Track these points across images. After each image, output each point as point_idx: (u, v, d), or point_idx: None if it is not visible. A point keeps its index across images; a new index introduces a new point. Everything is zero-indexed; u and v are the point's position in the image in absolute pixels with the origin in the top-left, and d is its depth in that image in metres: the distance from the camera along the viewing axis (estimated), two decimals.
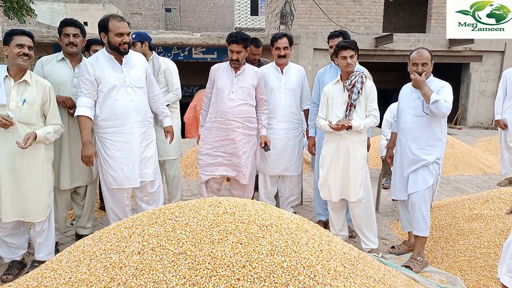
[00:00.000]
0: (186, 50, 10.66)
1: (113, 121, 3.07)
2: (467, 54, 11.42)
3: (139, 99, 3.16)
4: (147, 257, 1.74)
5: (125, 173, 3.11)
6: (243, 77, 3.64)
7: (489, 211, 3.51)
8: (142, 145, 3.19)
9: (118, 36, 2.98)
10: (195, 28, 28.06)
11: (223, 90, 3.63)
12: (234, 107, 3.60)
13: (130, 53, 3.18)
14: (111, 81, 3.03)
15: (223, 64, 3.74)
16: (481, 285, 2.82)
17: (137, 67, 3.19)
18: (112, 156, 3.09)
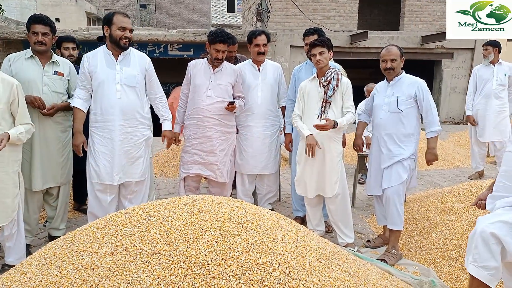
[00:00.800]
0: (161, 47, 10.52)
1: (100, 116, 3.12)
2: (439, 51, 11.71)
3: (128, 98, 3.13)
4: (120, 258, 1.71)
5: (106, 169, 3.12)
6: (221, 75, 3.63)
7: (460, 204, 3.63)
8: (127, 144, 3.16)
9: (121, 30, 3.04)
10: (171, 25, 27.71)
11: (200, 87, 3.60)
12: (211, 104, 3.58)
13: (131, 51, 3.21)
14: (101, 76, 3.08)
15: (200, 61, 3.72)
16: (453, 276, 2.90)
17: (133, 66, 3.18)
18: (97, 150, 3.13)
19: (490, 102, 5.41)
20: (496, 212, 2.07)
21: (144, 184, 3.37)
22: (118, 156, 3.13)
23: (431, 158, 3.22)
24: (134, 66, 3.19)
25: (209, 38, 3.54)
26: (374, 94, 3.47)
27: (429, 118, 3.18)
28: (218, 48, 3.50)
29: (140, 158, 3.25)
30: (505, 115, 5.46)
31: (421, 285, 2.63)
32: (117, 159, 3.13)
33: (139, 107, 3.21)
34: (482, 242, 1.96)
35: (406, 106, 3.18)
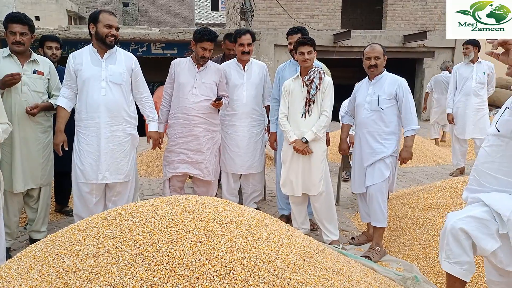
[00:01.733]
0: (144, 46, 10.40)
1: (85, 114, 3.09)
2: (421, 50, 11.89)
3: (113, 95, 3.10)
4: (103, 260, 1.68)
5: (92, 167, 3.09)
6: (206, 73, 3.61)
7: (442, 200, 3.69)
8: (113, 142, 3.12)
9: (107, 27, 3.04)
10: (154, 23, 27.45)
11: (185, 85, 3.58)
12: (197, 102, 3.57)
13: (118, 50, 3.20)
14: (86, 74, 3.07)
15: (184, 59, 3.69)
16: (435, 271, 2.95)
17: (119, 63, 3.17)
18: (82, 149, 3.10)
19: (470, 100, 5.52)
20: (465, 208, 2.12)
21: (129, 186, 3.33)
22: (104, 154, 3.09)
23: (407, 156, 3.24)
24: (120, 64, 3.17)
25: (196, 36, 3.52)
26: (356, 92, 3.50)
27: (407, 117, 3.22)
28: (205, 46, 3.49)
29: (125, 158, 3.20)
30: (484, 113, 5.58)
31: (405, 280, 2.67)
32: (103, 157, 3.09)
33: (125, 105, 3.18)
34: (453, 238, 2.00)
35: (387, 105, 3.22)
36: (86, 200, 3.16)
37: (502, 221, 1.93)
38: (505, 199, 1.95)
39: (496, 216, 1.96)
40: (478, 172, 2.15)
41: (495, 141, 2.07)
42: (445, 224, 2.08)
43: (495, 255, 1.95)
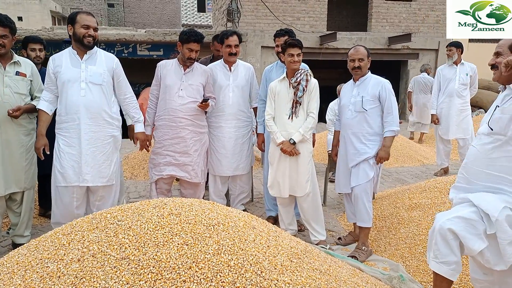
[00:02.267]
0: (130, 47, 10.32)
1: (65, 116, 3.05)
2: (405, 52, 12.06)
3: (93, 96, 3.06)
4: (88, 264, 1.66)
5: (74, 170, 3.03)
6: (192, 75, 3.60)
7: (427, 200, 3.74)
8: (93, 144, 3.07)
9: (84, 28, 3.01)
10: (140, 24, 27.22)
11: (171, 87, 3.56)
12: (184, 104, 3.55)
13: (98, 51, 3.16)
14: (66, 75, 3.04)
15: (170, 61, 3.68)
16: (421, 270, 2.99)
17: (99, 64, 3.13)
18: (63, 152, 3.05)
19: (453, 101, 5.62)
20: (453, 209, 2.16)
21: (113, 190, 3.27)
22: (85, 156, 3.04)
23: (384, 155, 3.25)
24: (100, 64, 3.13)
25: (183, 38, 3.51)
26: (341, 94, 3.53)
27: (388, 118, 3.26)
28: (192, 47, 3.49)
29: (106, 161, 3.14)
30: (467, 113, 5.69)
31: (391, 280, 2.70)
32: (84, 159, 3.04)
33: (106, 106, 3.13)
34: (441, 238, 2.03)
35: (370, 106, 3.26)
36: (67, 205, 3.09)
37: (489, 222, 1.96)
38: (493, 200, 1.99)
39: (483, 216, 2.00)
40: (468, 170, 2.18)
41: (487, 139, 2.11)
42: (434, 224, 2.11)
43: (482, 254, 1.99)
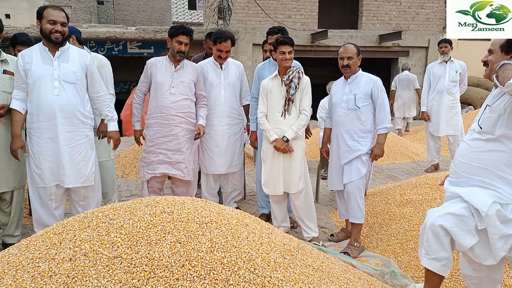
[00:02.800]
0: (120, 45, 10.24)
1: (37, 115, 2.92)
2: (396, 49, 12.14)
3: (68, 95, 2.95)
4: (80, 264, 1.65)
5: (51, 170, 2.95)
6: (183, 72, 3.58)
7: (418, 196, 3.78)
8: (68, 145, 2.98)
9: (50, 23, 2.88)
10: (130, 22, 26.99)
11: (163, 85, 3.54)
12: (176, 101, 3.53)
13: (70, 47, 3.05)
14: (37, 73, 2.89)
15: (160, 59, 3.64)
16: (412, 265, 3.02)
17: (72, 62, 3.02)
18: (37, 153, 2.94)
19: (443, 98, 5.67)
20: (444, 205, 2.18)
21: (95, 189, 3.22)
22: (62, 157, 2.95)
23: (378, 152, 3.29)
24: (74, 62, 3.02)
25: (171, 31, 3.50)
26: (332, 92, 3.54)
27: (381, 115, 3.28)
28: (181, 40, 3.46)
29: (83, 161, 3.06)
30: (457, 110, 5.74)
31: (383, 275, 2.72)
32: (63, 160, 2.95)
33: (80, 105, 3.04)
34: (432, 234, 2.05)
35: (363, 103, 3.27)
36: (46, 205, 3.03)
37: (480, 217, 1.99)
38: (483, 195, 2.01)
39: (474, 212, 2.02)
40: (457, 165, 2.22)
41: (477, 136, 2.14)
42: (425, 221, 2.13)
43: (472, 250, 2.01)
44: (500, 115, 2.03)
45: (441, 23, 12.36)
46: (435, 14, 12.31)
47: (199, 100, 3.71)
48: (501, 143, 2.04)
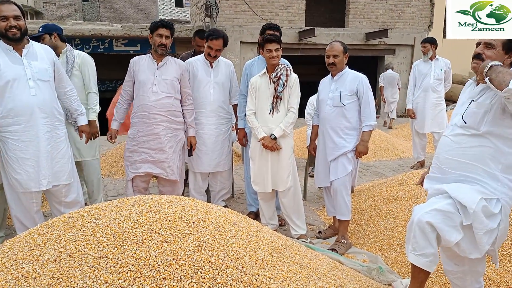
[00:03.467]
0: (106, 42, 10.11)
1: (13, 118, 2.77)
2: (382, 47, 12.24)
3: (44, 94, 2.87)
4: (64, 264, 1.62)
5: (30, 175, 2.84)
6: (166, 69, 3.54)
7: (404, 193, 3.82)
8: (49, 144, 2.91)
9: (2, 20, 2.70)
10: (116, 19, 26.67)
11: (145, 83, 3.50)
12: (158, 100, 3.49)
13: (33, 44, 2.93)
14: (8, 74, 2.74)
15: (143, 57, 3.60)
16: (399, 261, 3.06)
17: (41, 59, 2.91)
18: (15, 157, 2.81)
19: (428, 96, 5.74)
20: (430, 201, 2.20)
21: (75, 186, 3.18)
22: (45, 158, 2.88)
23: (363, 150, 3.30)
24: (42, 59, 2.92)
25: (151, 26, 3.48)
26: (319, 89, 3.55)
27: (366, 113, 3.30)
28: (161, 33, 3.41)
29: (63, 159, 3.02)
30: (441, 108, 5.83)
31: (370, 271, 2.75)
32: (43, 162, 2.87)
33: (55, 103, 2.98)
34: (419, 231, 2.07)
35: (349, 101, 3.29)
36: (29, 210, 2.96)
37: (466, 213, 2.01)
38: (469, 192, 2.03)
39: (460, 208, 2.05)
40: (442, 161, 2.23)
41: (461, 131, 2.16)
42: (412, 217, 2.15)
43: (458, 245, 2.04)
44: (486, 111, 2.05)
45: (426, 21, 12.51)
46: (421, 13, 12.45)
47: (184, 99, 3.67)
48: (486, 138, 2.06)
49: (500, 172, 2.04)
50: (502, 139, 2.04)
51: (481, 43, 2.10)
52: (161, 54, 3.50)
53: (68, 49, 3.70)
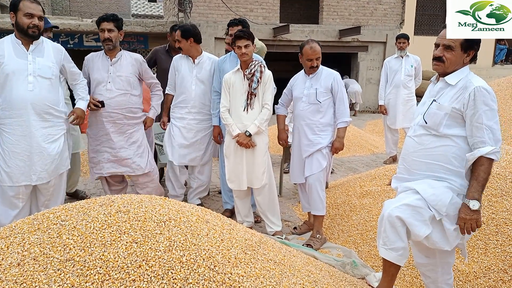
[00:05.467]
0: (76, 37, 9.82)
1: (9, 111, 2.82)
2: (355, 44, 12.39)
3: (42, 91, 2.86)
4: (29, 268, 1.55)
5: (21, 169, 2.83)
6: (120, 65, 3.45)
7: (377, 187, 3.88)
8: (45, 141, 2.89)
9: (28, 17, 2.78)
10: (87, 14, 25.90)
11: (99, 81, 3.43)
12: (112, 98, 3.42)
13: (44, 41, 2.95)
14: (10, 67, 2.79)
15: (97, 53, 3.51)
16: (372, 255, 3.11)
17: (48, 56, 2.93)
18: (7, 150, 2.83)
19: (399, 92, 5.86)
20: (399, 196, 2.24)
21: (63, 179, 3.15)
22: (37, 154, 2.86)
23: (339, 146, 3.36)
24: (49, 56, 2.94)
25: (96, 22, 3.44)
26: (292, 86, 3.55)
27: (340, 109, 3.34)
28: (103, 27, 3.34)
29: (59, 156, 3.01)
30: (412, 104, 5.95)
31: (344, 266, 2.78)
32: (36, 157, 2.85)
33: (55, 101, 2.97)
34: (389, 225, 2.10)
35: (324, 98, 3.31)
36: (10, 205, 2.91)
37: None
38: (440, 194, 2.06)
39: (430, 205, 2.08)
40: (408, 162, 2.26)
41: (422, 131, 2.20)
42: (382, 212, 2.18)
43: (428, 238, 2.08)
44: (446, 113, 2.10)
45: (398, 18, 12.75)
46: (392, 10, 12.67)
47: (152, 88, 3.66)
48: (448, 138, 2.11)
49: (465, 169, 2.08)
50: (463, 138, 2.09)
51: (440, 45, 2.14)
52: (109, 49, 3.41)
53: None
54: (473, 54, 2.13)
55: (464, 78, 2.10)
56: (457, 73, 2.13)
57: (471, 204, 1.97)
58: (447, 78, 2.15)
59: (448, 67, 2.13)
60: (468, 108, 2.03)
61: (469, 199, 1.98)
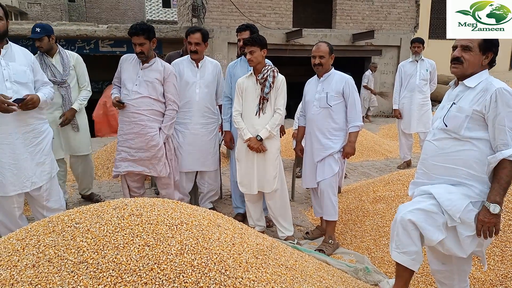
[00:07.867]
0: (92, 43, 9.99)
1: None
2: (369, 48, 12.31)
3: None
4: (43, 270, 1.58)
5: (9, 179, 2.76)
6: (150, 71, 3.51)
7: (390, 193, 3.83)
8: (31, 145, 2.85)
9: None
10: (103, 20, 26.39)
11: (127, 82, 3.50)
12: (136, 99, 3.47)
13: (12, 46, 2.86)
14: None
15: (132, 55, 3.58)
16: (386, 261, 3.07)
17: (20, 61, 2.84)
18: None
19: (414, 96, 5.79)
20: (414, 200, 2.21)
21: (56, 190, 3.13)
22: (24, 160, 2.81)
23: (350, 151, 3.33)
24: (21, 60, 2.85)
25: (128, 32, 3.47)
26: (305, 90, 3.54)
27: (352, 114, 3.31)
28: (134, 41, 3.38)
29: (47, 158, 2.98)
30: (427, 108, 5.88)
31: (356, 272, 2.75)
32: (24, 163, 2.80)
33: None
34: (402, 229, 2.08)
35: (335, 102, 3.29)
36: (12, 214, 2.89)
37: (450, 216, 2.02)
38: (455, 199, 2.02)
39: (444, 209, 2.05)
40: (428, 166, 2.22)
41: (443, 135, 2.17)
42: (396, 215, 2.16)
43: (442, 244, 2.05)
44: (467, 116, 2.06)
45: (412, 22, 12.63)
46: (406, 14, 12.57)
47: (166, 103, 3.59)
48: (469, 142, 2.07)
49: (486, 174, 2.04)
50: (484, 141, 2.05)
51: (457, 47, 2.12)
52: (142, 60, 3.48)
53: (60, 50, 3.74)
54: (492, 57, 2.10)
55: (484, 80, 2.07)
56: (476, 76, 2.10)
57: (492, 208, 1.93)
58: (466, 81, 2.12)
59: (466, 68, 2.10)
60: (490, 111, 1.99)
61: (490, 202, 1.94)
